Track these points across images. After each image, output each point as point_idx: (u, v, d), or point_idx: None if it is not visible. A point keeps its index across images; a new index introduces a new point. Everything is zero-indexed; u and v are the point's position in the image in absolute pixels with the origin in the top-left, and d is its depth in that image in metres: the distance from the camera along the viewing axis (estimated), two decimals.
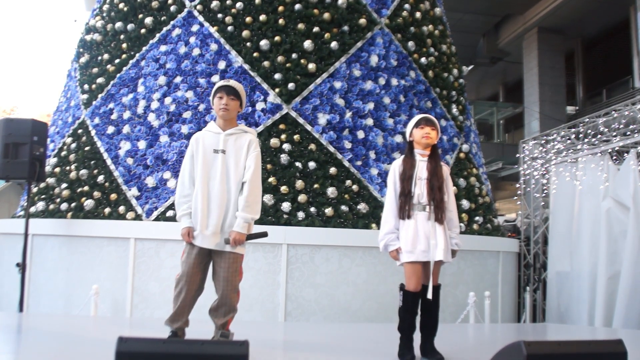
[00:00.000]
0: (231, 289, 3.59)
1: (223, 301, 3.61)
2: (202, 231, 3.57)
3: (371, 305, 6.49)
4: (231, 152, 3.67)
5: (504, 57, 22.24)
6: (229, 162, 3.66)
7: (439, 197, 3.60)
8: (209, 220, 3.58)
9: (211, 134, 3.72)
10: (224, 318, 3.62)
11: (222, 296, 3.59)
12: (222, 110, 3.69)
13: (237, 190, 3.63)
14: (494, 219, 8.46)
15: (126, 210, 6.70)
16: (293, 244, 6.35)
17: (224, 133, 3.70)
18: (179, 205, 3.67)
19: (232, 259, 3.60)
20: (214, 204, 3.59)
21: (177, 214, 3.67)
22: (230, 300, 3.61)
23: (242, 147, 3.69)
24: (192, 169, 3.67)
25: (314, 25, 7.50)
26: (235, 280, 3.61)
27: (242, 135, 3.74)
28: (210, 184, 3.61)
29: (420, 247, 3.55)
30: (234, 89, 3.72)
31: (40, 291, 6.85)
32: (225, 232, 3.58)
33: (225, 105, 3.68)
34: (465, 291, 7.01)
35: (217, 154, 3.65)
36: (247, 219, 3.59)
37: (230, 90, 3.71)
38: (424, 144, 3.71)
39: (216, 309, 3.64)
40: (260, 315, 6.23)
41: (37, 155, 6.50)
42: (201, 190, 3.60)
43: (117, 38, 8.06)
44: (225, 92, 3.70)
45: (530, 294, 9.31)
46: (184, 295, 3.58)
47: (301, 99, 7.14)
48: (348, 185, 6.86)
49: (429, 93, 8.16)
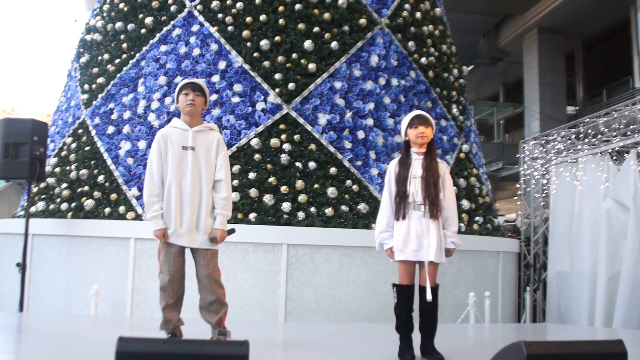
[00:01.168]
0: (215, 284, 3.62)
1: (211, 298, 3.62)
2: (177, 229, 3.58)
3: (371, 305, 6.49)
4: (201, 149, 3.69)
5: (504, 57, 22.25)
6: (199, 159, 3.68)
7: (434, 194, 3.59)
8: (183, 218, 3.59)
9: (178, 131, 3.72)
10: (217, 315, 3.64)
11: (209, 292, 3.61)
12: (189, 106, 3.71)
13: (208, 187, 3.66)
14: (494, 219, 8.46)
15: (126, 210, 6.70)
16: (293, 244, 6.35)
17: (192, 130, 3.71)
18: (149, 205, 3.63)
19: (211, 256, 3.64)
20: (187, 201, 3.60)
21: (148, 214, 3.63)
22: (217, 295, 3.62)
23: (212, 145, 3.72)
24: (160, 167, 3.66)
25: (314, 25, 7.50)
26: (217, 275, 3.65)
27: (209, 132, 3.77)
28: (182, 181, 3.62)
29: (411, 246, 3.56)
30: (200, 86, 3.77)
31: (40, 291, 6.85)
32: (200, 229, 3.60)
33: (192, 101, 3.70)
34: (465, 291, 7.01)
35: (187, 150, 3.66)
36: (228, 216, 3.68)
37: (195, 87, 3.74)
38: (419, 143, 3.71)
39: (207, 308, 3.65)
40: (260, 315, 6.23)
41: (37, 155, 6.51)
42: (174, 188, 3.60)
43: (118, 38, 8.06)
44: (190, 88, 3.73)
45: (530, 294, 9.31)
46: (172, 298, 3.62)
47: (301, 99, 7.14)
48: (348, 185, 6.86)
49: (429, 93, 8.15)
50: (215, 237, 3.61)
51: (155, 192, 3.64)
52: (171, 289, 3.62)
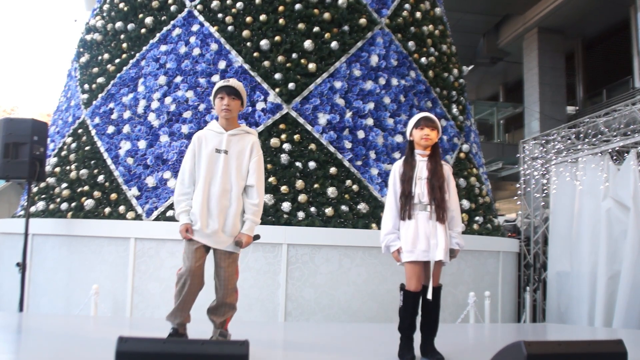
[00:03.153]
0: (232, 288, 3.63)
1: (223, 300, 3.63)
2: (203, 229, 3.57)
3: (371, 305, 6.49)
4: (234, 152, 3.68)
5: (504, 57, 22.25)
6: (230, 162, 3.66)
7: (440, 197, 3.60)
8: (209, 219, 3.58)
9: (214, 134, 3.72)
10: (223, 317, 3.65)
11: (223, 295, 3.62)
12: (224, 111, 3.69)
13: (238, 191, 3.64)
14: (494, 219, 8.46)
15: (126, 210, 6.70)
16: (293, 244, 6.35)
17: (227, 133, 3.70)
18: (178, 203, 3.66)
19: (233, 259, 3.63)
20: (215, 203, 3.59)
21: (176, 211, 3.66)
22: (230, 299, 3.64)
23: (245, 149, 3.70)
24: (193, 168, 3.67)
25: (314, 25, 7.50)
26: (234, 279, 3.65)
27: (245, 136, 3.75)
28: (212, 183, 3.61)
29: (421, 246, 3.55)
30: (235, 89, 3.73)
31: (40, 291, 6.85)
32: (227, 232, 3.59)
33: (227, 106, 3.68)
34: (465, 291, 7.01)
35: (220, 153, 3.65)
36: (257, 223, 3.66)
37: (231, 91, 3.71)
38: (423, 145, 3.71)
39: (216, 308, 3.66)
40: (260, 315, 6.23)
41: (37, 155, 6.51)
42: (202, 189, 3.60)
43: (118, 38, 8.06)
44: (226, 92, 3.70)
45: (530, 294, 9.30)
46: (187, 290, 3.56)
47: (301, 99, 7.14)
48: (348, 185, 6.86)
49: (429, 93, 8.15)
50: (241, 242, 3.59)
51: (184, 191, 3.65)
52: (189, 283, 3.56)
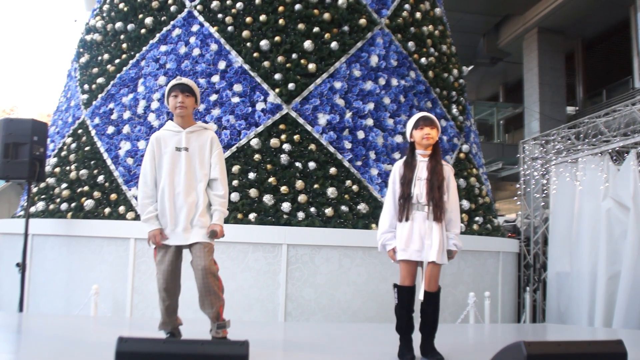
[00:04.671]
0: (211, 275, 3.58)
1: (206, 290, 3.58)
2: (173, 229, 3.59)
3: (371, 305, 6.49)
4: (194, 149, 3.70)
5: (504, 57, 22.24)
6: (193, 159, 3.68)
7: (438, 196, 3.60)
8: (178, 217, 3.59)
9: (171, 133, 3.73)
10: (212, 309, 3.61)
11: (204, 285, 3.57)
12: (179, 109, 3.70)
13: (203, 186, 3.67)
14: (494, 219, 8.46)
15: (126, 210, 6.70)
16: (293, 244, 6.35)
17: (184, 131, 3.71)
18: (144, 207, 3.65)
19: (208, 248, 3.62)
20: (182, 201, 3.60)
21: (143, 216, 3.64)
22: (213, 287, 3.59)
23: (205, 144, 3.73)
24: (154, 170, 3.68)
25: (314, 25, 7.50)
26: (213, 267, 3.62)
27: (203, 132, 3.77)
28: (176, 181, 3.63)
29: (414, 246, 3.56)
30: (188, 86, 3.74)
31: (40, 291, 6.85)
32: (197, 225, 3.59)
33: (181, 103, 3.69)
34: (465, 291, 7.01)
35: (180, 152, 3.67)
36: (225, 214, 3.70)
37: (184, 88, 3.72)
38: (424, 145, 3.71)
39: (202, 301, 3.63)
40: (260, 315, 6.23)
41: (37, 155, 6.51)
42: (168, 189, 3.61)
43: (117, 38, 8.06)
44: (179, 89, 3.71)
45: (530, 294, 9.31)
46: (168, 299, 3.63)
47: (301, 99, 7.14)
48: (348, 186, 6.86)
49: (429, 93, 8.15)
50: (215, 232, 3.60)
51: (149, 194, 3.66)
52: (166, 291, 3.62)
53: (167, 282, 3.61)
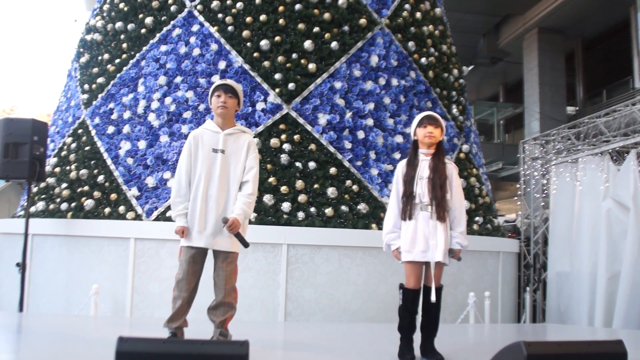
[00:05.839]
0: (230, 287, 3.63)
1: (223, 300, 3.63)
2: (201, 231, 3.58)
3: (371, 305, 6.49)
4: (231, 152, 3.69)
5: (504, 57, 22.24)
6: (229, 162, 3.67)
7: (440, 195, 3.59)
8: (207, 220, 3.59)
9: (210, 133, 3.72)
10: (223, 316, 3.64)
11: (223, 295, 3.61)
12: (220, 108, 3.70)
13: (236, 190, 3.65)
14: (494, 219, 8.46)
15: (126, 210, 6.70)
16: (293, 244, 6.35)
17: (223, 132, 3.70)
18: (175, 205, 3.66)
19: (231, 259, 3.64)
20: (213, 203, 3.60)
21: (173, 213, 3.66)
22: (229, 299, 3.64)
23: (242, 148, 3.71)
24: (189, 168, 3.67)
25: (314, 25, 7.50)
26: (233, 279, 3.65)
27: (241, 135, 3.75)
28: (210, 183, 3.62)
29: (419, 247, 3.55)
30: (232, 87, 3.74)
31: (40, 291, 6.85)
32: (224, 232, 3.58)
33: (223, 102, 3.69)
34: (465, 291, 7.01)
35: (217, 153, 3.66)
36: (247, 213, 3.65)
37: (228, 89, 3.72)
38: (427, 143, 3.70)
39: (215, 308, 3.66)
40: (260, 315, 6.23)
41: (37, 155, 6.51)
42: (201, 190, 3.60)
43: (118, 38, 8.06)
44: (223, 90, 3.71)
45: (530, 294, 9.31)
46: (183, 297, 3.60)
47: (301, 99, 7.14)
48: (348, 186, 6.86)
49: (429, 93, 8.15)
50: (227, 219, 3.53)
51: (181, 192, 3.66)
52: (184, 289, 3.60)
53: (186, 283, 3.60)
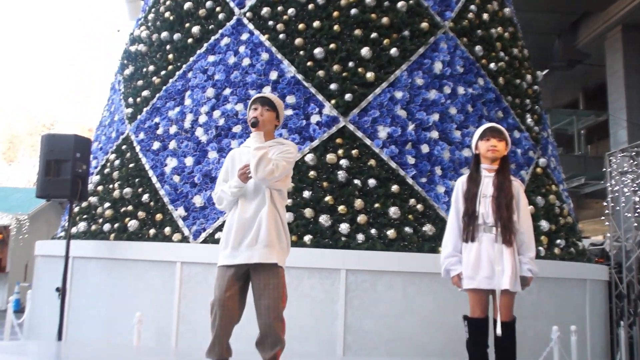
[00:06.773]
0: (275, 317, 3.57)
1: (267, 331, 3.59)
2: (237, 247, 3.62)
3: (439, 338, 6.36)
4: None
5: (584, 59, 21.71)
6: None
7: (507, 217, 3.52)
8: (244, 236, 3.64)
9: (247, 150, 3.81)
10: (271, 352, 3.60)
11: (265, 325, 3.58)
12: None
13: (272, 202, 3.70)
14: (578, 242, 8.19)
15: (172, 232, 6.83)
16: (352, 270, 6.31)
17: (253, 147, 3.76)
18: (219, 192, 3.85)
19: (274, 285, 3.59)
20: (250, 219, 3.67)
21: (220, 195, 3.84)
22: (274, 330, 3.58)
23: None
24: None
25: (371, 30, 7.51)
26: (279, 307, 3.60)
27: (279, 147, 3.81)
28: (246, 199, 3.71)
29: (483, 273, 3.48)
30: (269, 99, 3.82)
31: (80, 318, 7.04)
32: (261, 242, 3.61)
33: (256, 115, 3.76)
34: (547, 325, 6.76)
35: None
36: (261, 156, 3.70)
37: (264, 101, 3.80)
38: (490, 158, 3.64)
39: (261, 342, 3.64)
40: (316, 348, 6.20)
41: (79, 173, 6.72)
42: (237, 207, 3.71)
43: (163, 48, 8.31)
44: (260, 102, 3.80)
45: (625, 329, 8.90)
46: (218, 323, 3.60)
47: (359, 111, 7.14)
48: (412, 205, 6.79)
49: (500, 102, 8.02)
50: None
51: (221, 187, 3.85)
52: (219, 315, 3.61)
53: (222, 305, 3.60)
